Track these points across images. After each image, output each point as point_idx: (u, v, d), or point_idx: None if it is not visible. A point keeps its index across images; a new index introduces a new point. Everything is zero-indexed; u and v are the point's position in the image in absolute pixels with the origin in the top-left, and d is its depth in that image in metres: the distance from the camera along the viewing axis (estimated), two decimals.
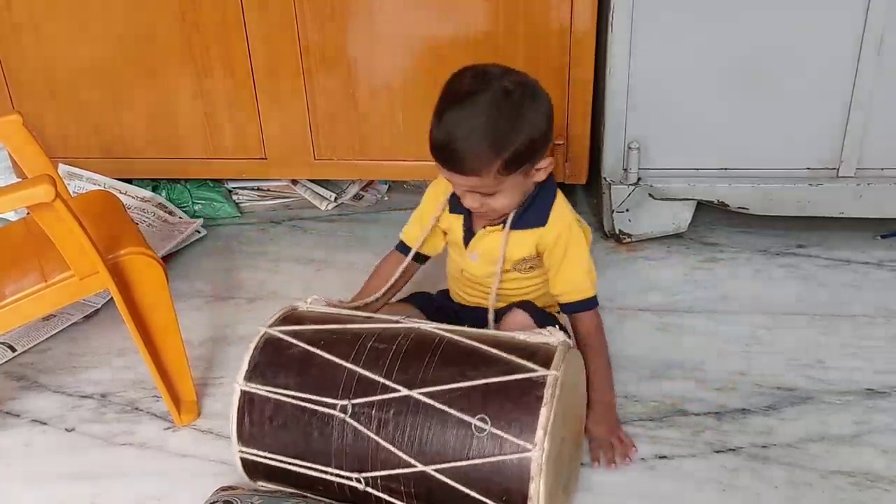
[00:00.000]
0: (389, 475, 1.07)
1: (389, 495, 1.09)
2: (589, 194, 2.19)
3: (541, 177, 1.32)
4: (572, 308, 1.36)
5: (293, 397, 1.12)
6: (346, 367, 1.11)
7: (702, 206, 1.93)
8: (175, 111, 2.00)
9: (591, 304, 1.36)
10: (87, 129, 2.05)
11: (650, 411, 1.44)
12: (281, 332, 1.19)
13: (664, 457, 1.34)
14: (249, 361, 1.17)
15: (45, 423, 1.49)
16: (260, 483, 1.22)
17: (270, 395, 1.14)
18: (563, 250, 1.33)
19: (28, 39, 1.95)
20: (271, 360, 1.17)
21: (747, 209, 1.89)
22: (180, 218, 2.10)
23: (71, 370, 1.63)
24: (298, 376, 1.14)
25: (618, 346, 1.53)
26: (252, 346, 1.19)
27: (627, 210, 1.93)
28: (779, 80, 1.77)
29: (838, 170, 1.84)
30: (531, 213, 1.34)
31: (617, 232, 1.95)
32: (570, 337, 1.23)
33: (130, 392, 1.56)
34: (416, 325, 1.17)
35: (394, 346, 1.12)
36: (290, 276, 1.91)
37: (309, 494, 1.19)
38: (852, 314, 1.68)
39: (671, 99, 1.82)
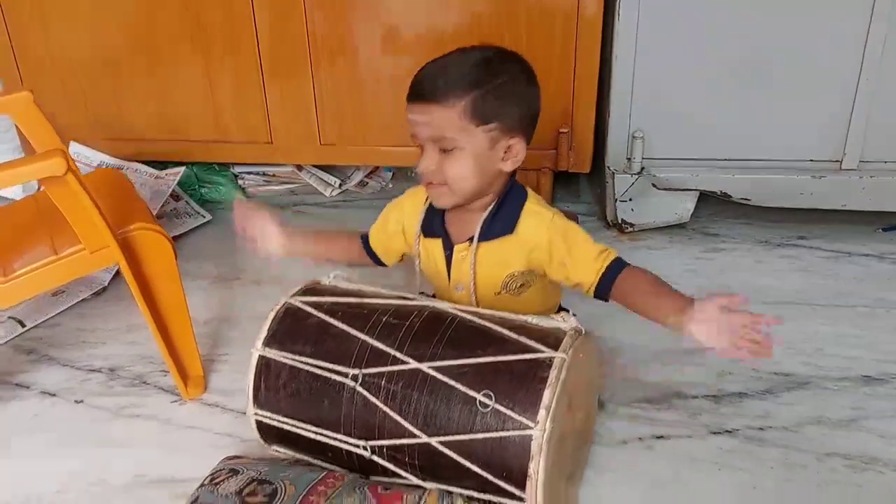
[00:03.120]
0: (395, 445, 1.09)
1: (394, 465, 1.11)
2: (591, 184, 2.21)
3: (507, 165, 1.20)
4: (609, 278, 1.19)
5: (308, 364, 1.15)
6: (360, 339, 1.13)
7: (704, 197, 1.95)
8: (182, 96, 2.03)
9: (621, 262, 1.21)
10: (95, 114, 2.08)
11: (649, 394, 1.45)
12: (301, 302, 1.22)
13: (661, 437, 1.36)
14: (269, 328, 1.20)
15: (54, 395, 1.51)
16: (274, 447, 1.25)
17: (286, 361, 1.16)
18: (563, 241, 1.21)
19: (37, 25, 1.98)
20: (290, 328, 1.19)
21: (749, 200, 1.91)
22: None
23: (80, 345, 1.65)
24: (314, 345, 1.16)
25: (618, 332, 1.55)
26: (272, 314, 1.22)
27: (630, 199, 1.95)
28: (784, 71, 1.79)
29: (841, 162, 1.86)
30: (498, 222, 1.23)
31: (619, 221, 1.97)
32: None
33: (138, 366, 1.58)
34: (431, 304, 1.19)
35: (407, 322, 1.14)
36: (295, 260, 1.92)
37: (316, 461, 1.21)
38: (852, 305, 1.70)
39: (676, 88, 1.84)
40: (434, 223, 1.28)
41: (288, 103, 2.00)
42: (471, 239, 1.25)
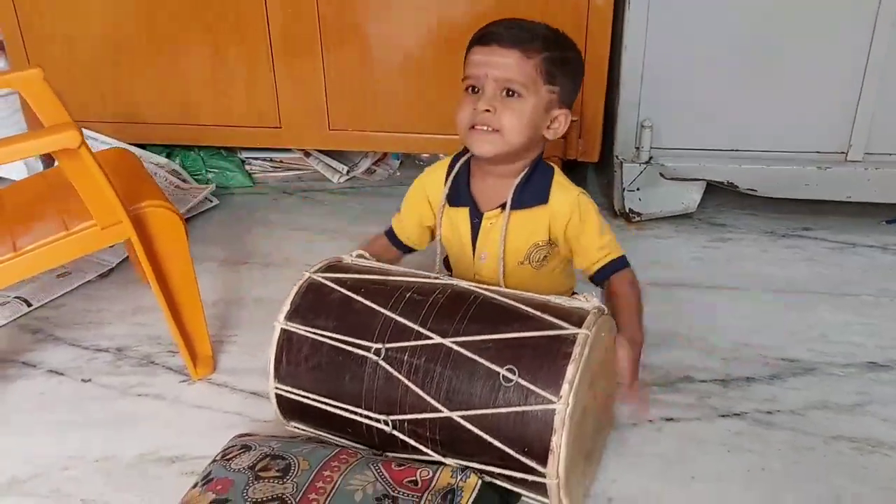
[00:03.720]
0: (416, 419, 1.09)
1: (415, 440, 1.11)
2: (599, 174, 2.22)
3: (549, 133, 1.27)
4: (607, 271, 1.30)
5: (330, 338, 1.15)
6: (382, 314, 1.13)
7: (710, 188, 1.96)
8: (191, 79, 2.03)
9: (623, 262, 1.31)
10: (103, 96, 2.08)
11: (657, 377, 1.46)
12: (324, 278, 1.22)
13: (671, 419, 1.37)
14: (291, 302, 1.20)
15: (61, 374, 1.51)
16: (293, 424, 1.25)
17: (308, 335, 1.16)
18: (580, 221, 1.28)
19: (46, 6, 1.97)
20: (312, 303, 1.19)
21: (755, 191, 1.92)
22: (192, 185, 2.13)
23: (86, 325, 1.65)
24: (337, 320, 1.16)
25: None
26: (295, 288, 1.22)
27: (638, 189, 1.95)
28: (791, 63, 1.80)
29: (847, 154, 1.87)
30: (530, 191, 1.28)
31: (627, 210, 1.98)
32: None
33: (146, 346, 1.58)
34: (454, 282, 1.20)
35: (430, 299, 1.14)
36: (303, 243, 1.93)
37: (330, 437, 1.21)
38: (856, 294, 1.71)
39: (684, 79, 1.85)
40: (461, 192, 1.31)
41: (298, 87, 2.00)
42: (502, 206, 1.28)
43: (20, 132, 2.16)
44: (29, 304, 1.69)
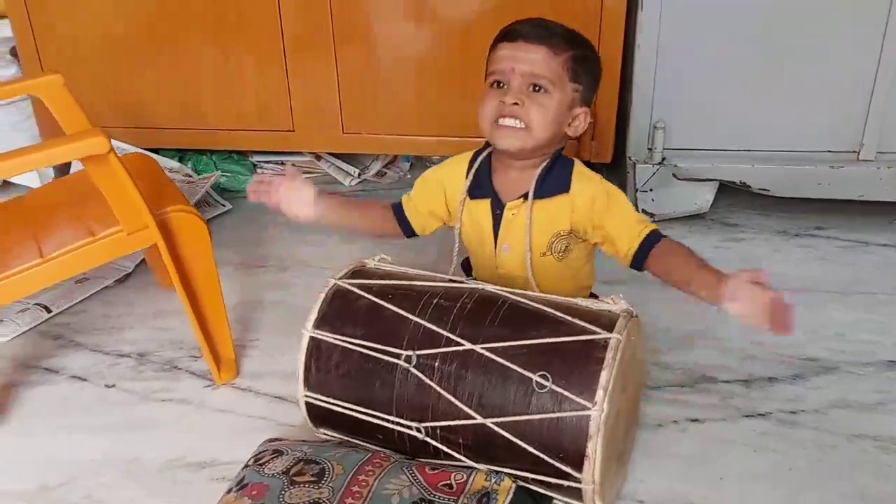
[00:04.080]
0: (449, 426, 1.10)
1: (447, 446, 1.12)
2: (609, 174, 2.22)
3: (570, 130, 1.28)
4: (646, 247, 1.24)
5: (360, 346, 1.15)
6: (411, 320, 1.14)
7: (722, 188, 1.97)
8: (203, 82, 2.03)
9: (659, 233, 1.26)
10: (114, 100, 2.07)
11: (679, 378, 1.47)
12: (350, 284, 1.22)
13: (696, 420, 1.38)
14: (318, 310, 1.20)
15: (84, 380, 1.51)
16: (322, 430, 1.25)
17: (338, 342, 1.17)
18: (607, 208, 1.26)
19: (56, 8, 1.97)
20: (340, 310, 1.20)
21: (768, 191, 1.93)
22: (197, 178, 2.12)
23: (107, 330, 1.65)
24: (365, 326, 1.16)
25: (644, 318, 1.55)
26: (322, 296, 1.22)
27: (651, 190, 1.96)
28: (803, 63, 1.81)
29: (859, 153, 1.88)
30: (551, 180, 1.28)
31: (640, 211, 1.98)
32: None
33: (168, 351, 1.58)
34: (480, 286, 1.20)
35: (458, 304, 1.15)
36: (318, 246, 1.93)
37: (361, 442, 1.22)
38: (871, 292, 1.73)
39: (697, 79, 1.86)
40: (482, 184, 1.32)
41: (310, 90, 2.01)
42: (524, 196, 1.29)
43: (33, 137, 2.16)
44: (49, 311, 1.69)
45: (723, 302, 1.12)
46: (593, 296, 1.47)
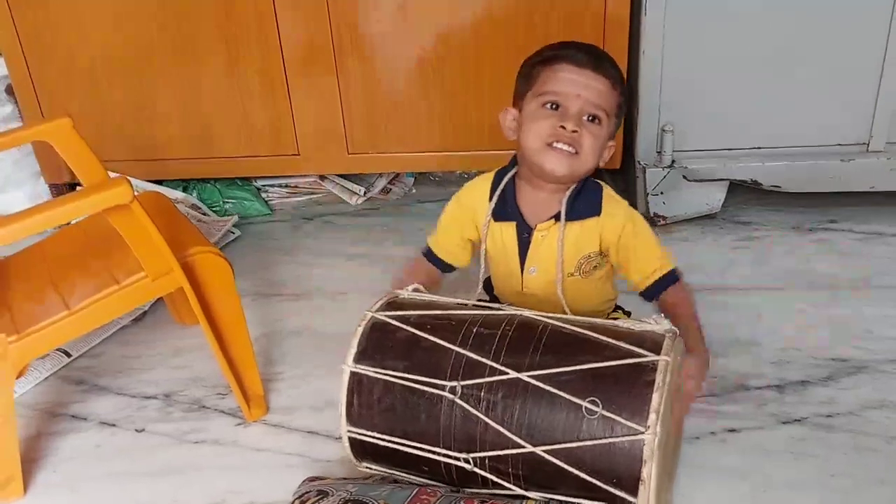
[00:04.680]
0: (498, 456, 1.09)
1: (497, 476, 1.11)
2: (615, 179, 2.22)
3: (606, 156, 1.30)
4: (661, 286, 1.31)
5: (402, 378, 1.14)
6: (453, 351, 1.13)
7: (732, 187, 1.97)
8: (206, 111, 2.01)
9: (676, 275, 1.32)
10: (115, 131, 2.04)
11: (712, 387, 1.46)
12: (387, 316, 1.20)
13: (733, 430, 1.38)
14: (357, 344, 1.18)
15: (113, 425, 1.49)
16: (365, 464, 1.24)
17: (379, 376, 1.15)
18: (633, 234, 1.29)
19: (52, 37, 1.94)
20: (379, 342, 1.18)
21: (780, 187, 1.93)
22: (214, 218, 2.11)
23: (129, 372, 1.63)
24: (406, 359, 1.15)
25: None
26: (360, 329, 1.20)
27: (662, 193, 1.96)
28: (809, 57, 1.81)
29: (868, 144, 1.89)
30: (582, 203, 1.30)
31: (652, 215, 1.98)
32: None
33: (193, 390, 1.56)
34: (518, 312, 1.19)
35: (499, 332, 1.14)
36: (332, 270, 1.92)
37: (405, 476, 1.21)
38: (891, 285, 1.73)
39: (703, 80, 1.86)
40: (508, 207, 1.32)
41: (314, 113, 1.99)
42: (555, 217, 1.29)
43: (35, 174, 2.14)
44: (69, 355, 1.67)
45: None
46: (619, 308, 1.47)
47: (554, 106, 1.24)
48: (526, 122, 1.27)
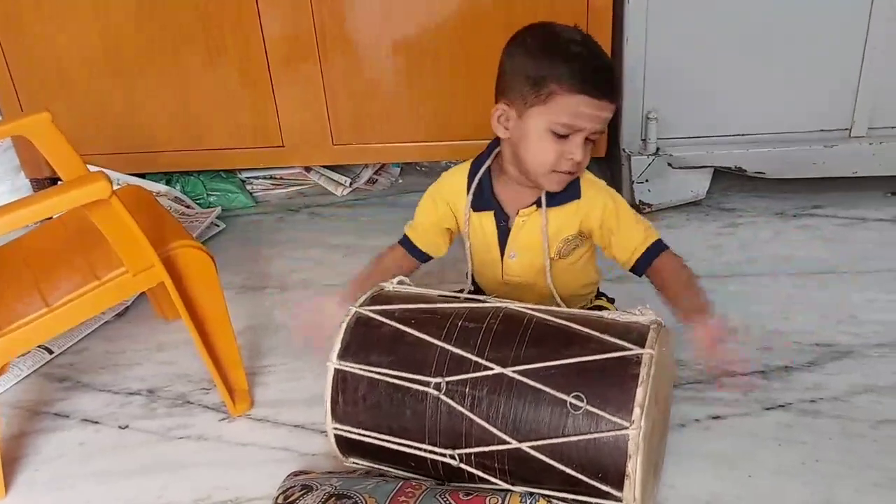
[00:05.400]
0: (483, 452, 1.09)
1: (483, 471, 1.11)
2: (600, 167, 2.21)
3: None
4: (649, 257, 1.29)
5: (386, 375, 1.13)
6: (437, 346, 1.12)
7: (717, 174, 1.97)
8: (190, 103, 1.99)
9: (662, 245, 1.30)
10: (99, 125, 2.03)
11: (697, 374, 1.46)
12: (371, 311, 1.19)
13: (718, 417, 1.38)
14: (341, 340, 1.17)
15: (96, 423, 1.48)
16: (352, 460, 1.23)
17: (364, 373, 1.15)
18: (615, 213, 1.29)
19: (33, 31, 1.92)
20: (363, 338, 1.18)
21: (764, 173, 1.93)
22: (197, 210, 2.09)
23: (112, 368, 1.62)
24: (391, 354, 1.15)
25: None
26: (343, 325, 1.19)
27: (647, 181, 1.96)
28: (791, 44, 1.81)
29: (851, 130, 1.89)
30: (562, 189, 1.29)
31: (637, 203, 1.98)
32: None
33: (178, 386, 1.55)
34: (504, 305, 1.18)
35: (484, 325, 1.13)
36: (319, 262, 1.91)
37: (390, 470, 1.21)
38: (876, 270, 1.73)
39: (687, 68, 1.85)
40: (484, 196, 1.32)
41: (298, 104, 1.97)
42: (537, 203, 1.29)
43: (15, 168, 2.12)
44: (50, 352, 1.65)
45: (694, 333, 1.19)
46: (602, 294, 1.47)
47: (564, 134, 1.21)
48: (529, 138, 1.22)
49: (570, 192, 1.29)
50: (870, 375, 1.44)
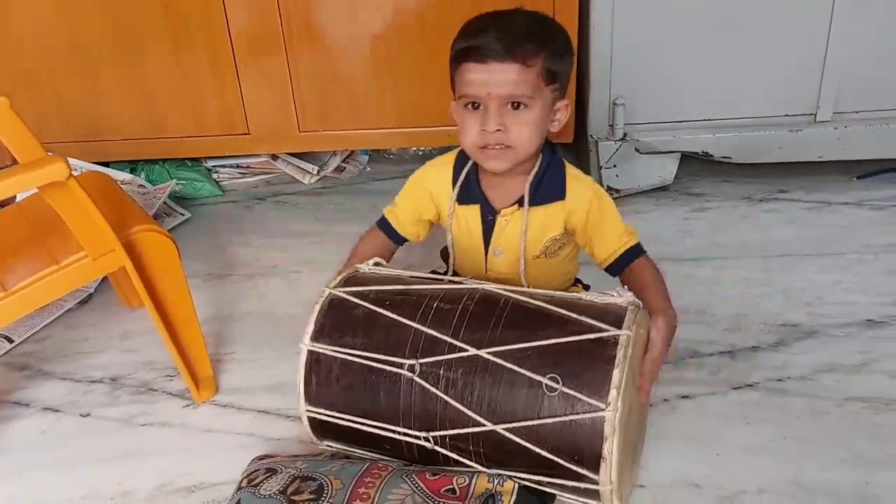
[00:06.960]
0: (458, 434, 1.07)
1: (458, 454, 1.09)
2: (568, 153, 2.21)
3: (554, 126, 1.24)
4: (626, 260, 1.28)
5: (360, 357, 1.11)
6: (412, 327, 1.10)
7: (684, 159, 1.97)
8: (154, 91, 1.97)
9: (640, 248, 1.29)
10: (62, 114, 1.99)
11: (674, 355, 1.46)
12: (346, 292, 1.17)
13: (686, 396, 1.38)
14: (315, 322, 1.15)
15: (57, 411, 1.45)
16: (326, 443, 1.22)
17: (337, 354, 1.12)
18: (599, 212, 1.26)
19: None
20: (337, 320, 1.15)
21: (730, 158, 1.94)
22: (151, 188, 2.06)
23: (74, 356, 1.59)
24: (365, 336, 1.13)
25: None
26: (317, 306, 1.17)
27: (615, 166, 1.96)
28: (756, 29, 1.82)
29: (816, 115, 1.90)
30: (546, 187, 1.26)
31: (605, 188, 1.97)
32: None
33: (141, 373, 1.53)
34: (480, 286, 1.16)
35: (459, 307, 1.11)
36: (286, 250, 1.89)
37: (368, 453, 1.19)
38: (840, 252, 1.75)
39: (653, 54, 1.86)
40: (471, 190, 1.29)
41: (264, 91, 1.95)
42: (518, 202, 1.26)
43: None
44: (11, 341, 1.62)
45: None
46: (578, 281, 1.46)
47: (475, 105, 1.18)
48: (458, 122, 1.22)
49: (553, 191, 1.26)
50: (835, 355, 1.45)
